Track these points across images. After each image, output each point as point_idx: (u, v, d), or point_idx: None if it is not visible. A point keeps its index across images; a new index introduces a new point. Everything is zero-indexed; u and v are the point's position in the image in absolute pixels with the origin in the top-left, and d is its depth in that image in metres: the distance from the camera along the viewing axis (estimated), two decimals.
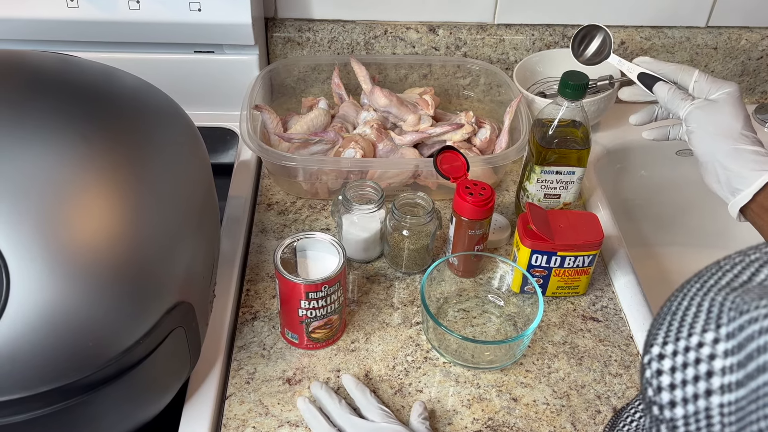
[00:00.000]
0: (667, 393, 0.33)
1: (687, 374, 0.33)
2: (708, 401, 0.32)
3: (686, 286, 0.37)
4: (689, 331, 0.34)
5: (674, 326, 0.35)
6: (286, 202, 0.98)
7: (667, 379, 0.33)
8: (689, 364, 0.33)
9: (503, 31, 1.11)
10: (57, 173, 0.54)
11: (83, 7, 0.97)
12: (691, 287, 0.36)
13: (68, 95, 0.60)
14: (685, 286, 0.37)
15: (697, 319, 0.34)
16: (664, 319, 0.36)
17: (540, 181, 0.88)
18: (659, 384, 0.34)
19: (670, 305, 0.36)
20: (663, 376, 0.34)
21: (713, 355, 0.32)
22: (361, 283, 0.87)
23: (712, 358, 0.32)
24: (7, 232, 0.51)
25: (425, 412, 0.71)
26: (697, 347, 0.33)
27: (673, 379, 0.33)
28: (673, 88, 0.78)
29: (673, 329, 0.34)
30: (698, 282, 0.36)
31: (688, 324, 0.34)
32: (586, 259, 0.81)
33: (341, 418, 0.69)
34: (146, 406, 0.63)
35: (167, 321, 0.59)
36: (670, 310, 0.36)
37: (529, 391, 0.75)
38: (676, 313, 0.35)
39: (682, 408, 0.33)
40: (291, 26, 1.10)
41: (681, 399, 0.33)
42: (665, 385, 0.33)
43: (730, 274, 0.35)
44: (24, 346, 0.51)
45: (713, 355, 0.32)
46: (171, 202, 0.62)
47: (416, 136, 0.97)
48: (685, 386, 0.33)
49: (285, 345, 0.78)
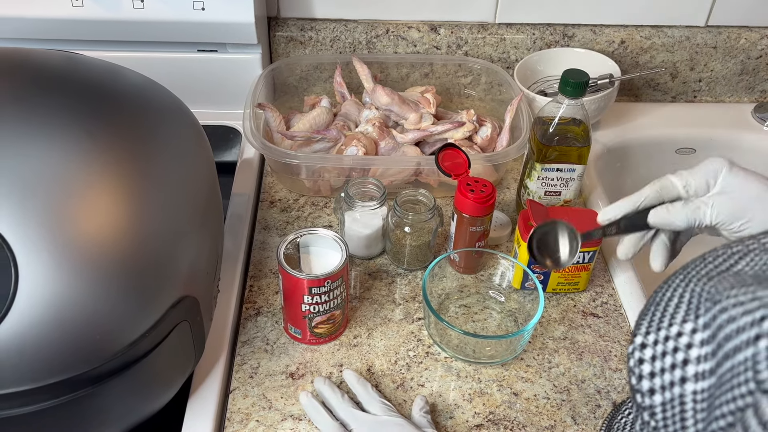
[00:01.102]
0: (648, 381, 0.34)
1: (665, 362, 0.34)
2: (682, 388, 0.33)
3: (672, 277, 0.37)
4: (670, 321, 0.34)
5: (656, 316, 0.35)
6: (288, 199, 0.98)
7: (648, 367, 0.34)
8: (668, 352, 0.34)
9: (504, 31, 1.12)
10: (63, 169, 0.55)
11: (88, 7, 0.98)
12: (676, 278, 0.37)
13: (74, 92, 0.61)
14: (670, 278, 0.37)
15: (678, 310, 0.35)
16: (648, 309, 0.37)
17: (541, 178, 0.89)
18: (640, 372, 0.35)
19: (655, 296, 0.37)
20: (644, 365, 0.35)
21: (690, 344, 0.33)
22: (364, 279, 0.87)
23: (689, 347, 0.33)
24: (15, 227, 0.52)
25: (426, 405, 0.72)
26: (676, 336, 0.34)
27: (653, 368, 0.34)
28: (668, 206, 0.66)
29: (655, 319, 0.35)
30: (682, 273, 0.37)
31: (669, 314, 0.35)
32: (586, 255, 0.82)
33: (344, 411, 0.70)
34: (151, 399, 0.64)
35: (172, 315, 0.60)
36: (654, 301, 0.37)
37: (529, 386, 0.76)
38: (659, 303, 0.36)
39: (660, 395, 0.34)
40: (293, 25, 1.11)
41: (659, 386, 0.34)
42: (646, 373, 0.34)
43: (711, 265, 0.36)
44: (32, 339, 0.52)
45: (690, 344, 0.33)
46: (176, 198, 0.62)
47: (418, 134, 0.98)
48: (663, 374, 0.34)
49: (288, 340, 0.79)
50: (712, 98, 1.20)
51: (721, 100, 1.20)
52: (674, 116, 1.16)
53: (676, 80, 1.17)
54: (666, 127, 1.14)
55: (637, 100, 1.19)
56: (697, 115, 1.17)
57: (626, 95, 1.18)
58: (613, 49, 1.13)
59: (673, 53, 1.14)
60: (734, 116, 1.17)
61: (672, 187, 0.67)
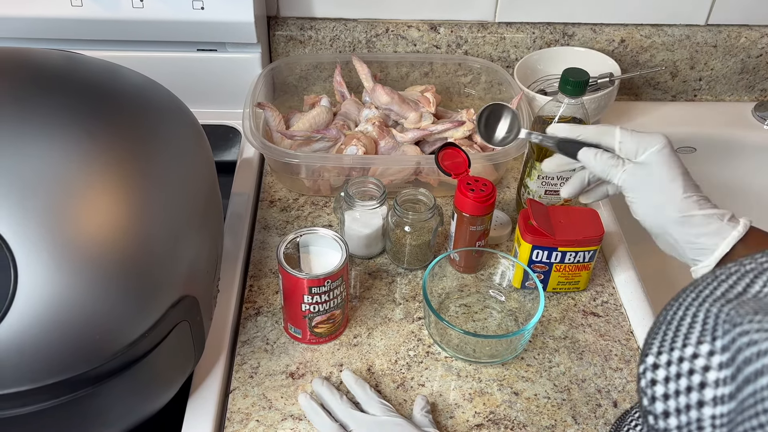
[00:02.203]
0: (661, 403, 0.33)
1: (680, 385, 0.33)
2: (700, 412, 0.32)
3: (682, 295, 0.36)
4: (684, 342, 0.34)
5: (669, 336, 0.35)
6: (288, 198, 0.98)
7: (661, 389, 0.34)
8: (683, 374, 0.33)
9: (504, 30, 1.12)
10: (63, 169, 0.55)
11: (87, 6, 0.98)
12: (687, 297, 0.36)
13: (73, 92, 0.61)
14: (680, 296, 0.36)
15: (692, 330, 0.34)
16: (659, 328, 0.36)
17: (541, 177, 0.89)
18: (653, 394, 0.34)
19: (666, 314, 0.36)
20: (657, 386, 0.34)
21: (707, 366, 0.32)
22: (364, 278, 0.87)
23: (706, 370, 0.32)
24: (14, 226, 0.51)
25: (428, 405, 0.72)
26: (691, 358, 0.33)
27: (667, 389, 0.33)
28: (598, 153, 0.70)
29: (668, 339, 0.34)
30: (694, 292, 0.36)
31: (683, 334, 0.34)
32: (586, 254, 0.82)
33: (343, 412, 0.69)
34: (151, 399, 0.64)
35: (172, 315, 0.60)
36: (665, 320, 0.36)
37: (530, 385, 0.76)
38: (671, 322, 0.35)
39: (675, 418, 0.33)
40: (293, 24, 1.11)
41: (674, 409, 0.33)
42: (659, 395, 0.34)
43: (725, 285, 0.35)
44: (31, 339, 0.51)
45: (707, 367, 0.32)
46: (176, 198, 0.62)
47: (418, 134, 0.98)
48: (678, 396, 0.33)
49: (288, 340, 0.79)
50: (713, 97, 1.20)
51: (721, 99, 1.20)
52: (674, 115, 1.16)
53: (676, 79, 1.17)
54: (666, 126, 1.14)
55: (637, 99, 1.19)
56: (697, 114, 1.17)
57: (626, 94, 1.18)
58: (613, 48, 1.13)
59: (673, 52, 1.14)
60: (734, 115, 1.17)
61: (611, 138, 0.70)
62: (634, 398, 0.75)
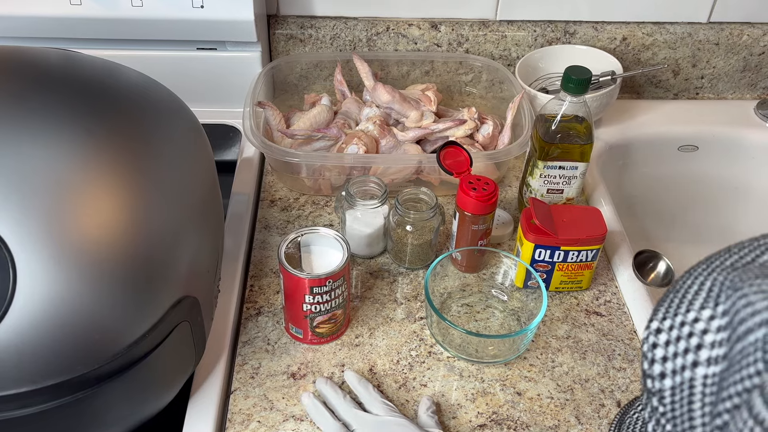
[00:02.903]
0: (659, 365, 0.34)
1: (678, 347, 0.33)
2: (693, 372, 0.32)
3: (694, 267, 0.37)
4: (687, 308, 0.34)
5: (674, 303, 0.35)
6: (289, 198, 0.98)
7: (661, 351, 0.34)
8: (682, 337, 0.33)
9: (505, 28, 1.11)
10: (62, 168, 0.54)
11: (86, 5, 0.97)
12: (698, 267, 0.37)
13: (72, 90, 0.60)
14: (693, 267, 0.37)
15: (697, 297, 0.34)
16: (667, 296, 0.36)
17: (543, 176, 0.88)
18: (653, 356, 0.34)
19: (675, 284, 0.37)
20: (657, 349, 0.34)
21: (706, 329, 0.33)
22: (365, 278, 0.87)
23: (704, 333, 0.33)
24: (13, 226, 0.51)
25: (433, 405, 0.71)
26: (692, 322, 0.33)
27: (666, 352, 0.34)
28: None
29: (673, 306, 0.35)
30: (705, 263, 0.37)
31: (687, 301, 0.35)
32: (589, 253, 0.81)
33: (346, 412, 0.69)
34: (152, 400, 0.64)
35: (173, 315, 0.59)
36: (674, 289, 0.36)
37: (533, 385, 0.75)
38: (679, 291, 0.36)
39: (670, 379, 0.33)
40: (293, 23, 1.10)
41: (671, 371, 0.34)
42: (658, 357, 0.34)
43: (736, 256, 0.36)
44: (31, 340, 0.51)
45: (706, 330, 0.33)
46: (176, 197, 0.62)
47: (419, 132, 0.97)
48: (675, 358, 0.33)
49: (289, 340, 0.79)
50: (715, 95, 1.20)
51: (723, 97, 1.20)
52: (676, 113, 1.16)
53: (678, 77, 1.17)
54: (668, 125, 1.14)
55: (639, 97, 1.19)
56: (700, 112, 1.16)
57: (628, 92, 1.18)
58: (615, 46, 1.13)
59: (675, 50, 1.13)
60: (737, 113, 1.16)
61: None
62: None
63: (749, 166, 1.15)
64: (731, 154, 1.14)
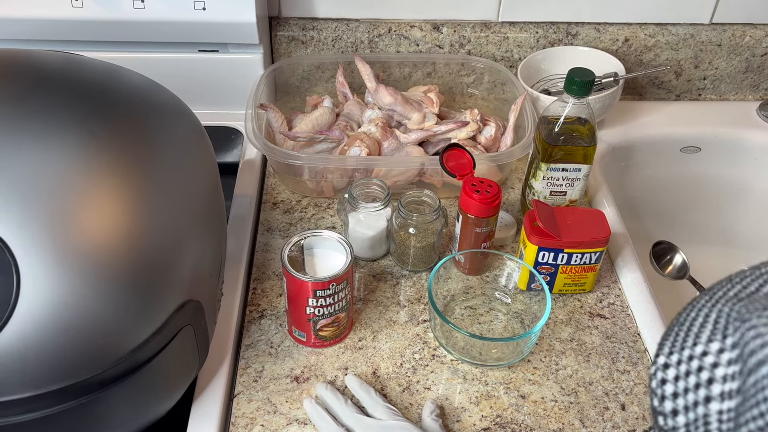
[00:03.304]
0: (670, 402, 0.33)
1: (689, 382, 0.33)
2: (707, 408, 0.32)
3: (696, 299, 0.37)
4: (694, 341, 0.34)
5: (680, 336, 0.35)
6: (291, 200, 0.98)
7: (671, 388, 0.34)
8: (692, 372, 0.33)
9: (507, 29, 1.11)
10: (65, 172, 0.54)
11: (88, 7, 0.97)
12: (701, 299, 0.36)
13: (75, 93, 0.60)
14: (695, 299, 0.37)
15: (704, 330, 0.34)
16: (671, 330, 0.36)
17: (546, 178, 0.88)
18: (663, 393, 0.34)
19: (679, 317, 0.36)
20: (667, 385, 0.34)
21: (716, 363, 0.32)
22: (368, 281, 0.87)
23: (714, 366, 0.32)
24: (16, 230, 0.51)
25: (437, 409, 0.71)
26: (701, 356, 0.33)
27: (676, 388, 0.33)
28: None
29: (679, 339, 0.35)
30: (707, 294, 0.36)
31: (693, 334, 0.34)
32: (593, 256, 0.81)
33: (348, 417, 0.69)
34: (155, 404, 0.63)
35: (176, 319, 0.59)
36: (678, 322, 0.36)
37: (537, 388, 0.75)
38: (684, 323, 0.35)
39: (683, 416, 0.33)
40: (295, 25, 1.10)
41: (683, 407, 0.33)
42: (668, 393, 0.34)
43: (738, 286, 0.35)
44: (34, 345, 0.51)
45: (716, 364, 0.32)
46: (179, 200, 0.62)
47: (421, 134, 0.97)
48: (686, 394, 0.33)
49: (292, 343, 0.78)
50: (717, 96, 1.19)
51: (725, 98, 1.20)
52: (679, 114, 1.16)
53: (680, 78, 1.16)
54: (671, 126, 1.13)
55: (641, 98, 1.18)
56: (702, 114, 1.16)
57: (630, 94, 1.18)
58: (617, 48, 1.12)
59: (677, 51, 1.13)
60: (739, 114, 1.16)
61: None
62: (642, 401, 0.74)
63: (752, 168, 1.15)
64: (734, 155, 1.14)
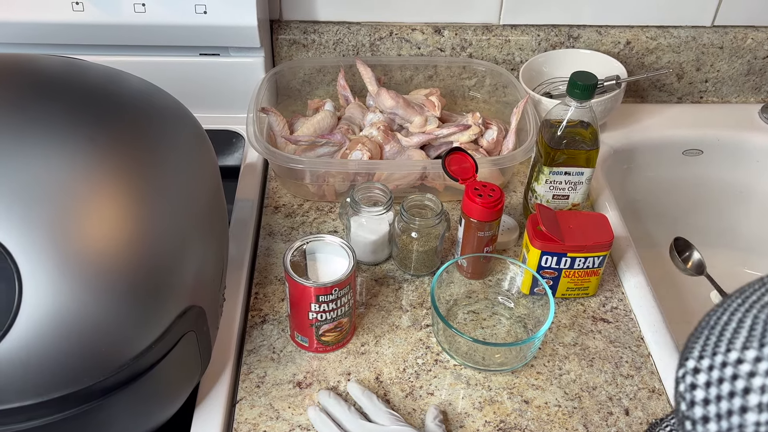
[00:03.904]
0: (701, 408, 0.32)
1: (722, 390, 0.32)
2: (743, 418, 0.31)
3: (727, 301, 0.35)
4: (728, 347, 0.33)
5: (711, 340, 0.34)
6: (293, 204, 0.97)
7: (701, 393, 0.33)
8: (725, 379, 0.32)
9: (509, 32, 1.11)
10: (66, 178, 0.54)
11: (88, 11, 0.97)
12: (733, 302, 0.35)
13: (76, 99, 0.60)
14: (725, 302, 0.35)
15: (738, 335, 0.33)
16: (701, 333, 0.35)
17: (548, 182, 0.88)
18: (692, 398, 0.33)
19: (709, 319, 0.35)
20: (697, 391, 0.33)
21: (753, 372, 0.31)
22: (370, 285, 0.86)
23: (751, 375, 0.31)
24: (18, 237, 0.51)
25: (440, 415, 0.71)
26: (735, 363, 0.32)
27: (708, 394, 0.32)
28: None
29: (710, 343, 0.33)
30: (740, 298, 0.35)
31: (726, 339, 0.33)
32: (596, 260, 0.81)
33: (351, 424, 0.68)
34: (158, 411, 0.63)
35: (179, 325, 0.59)
36: (708, 324, 0.35)
37: (540, 393, 0.75)
38: (715, 327, 0.34)
39: (715, 424, 0.32)
40: (296, 28, 1.10)
41: (715, 414, 0.32)
42: (699, 399, 0.33)
43: None
44: (37, 352, 0.51)
45: (753, 373, 0.31)
46: (181, 205, 0.61)
47: (423, 138, 0.97)
48: (719, 402, 0.32)
49: (295, 348, 0.78)
50: (719, 99, 1.19)
51: (727, 100, 1.19)
52: (681, 117, 1.15)
53: (682, 81, 1.16)
54: (672, 129, 1.13)
55: (643, 101, 1.18)
56: (704, 116, 1.16)
57: (632, 96, 1.17)
58: (619, 50, 1.12)
59: (679, 54, 1.13)
60: (741, 117, 1.16)
61: None
62: (646, 406, 0.74)
63: (753, 170, 1.14)
64: (735, 157, 1.14)
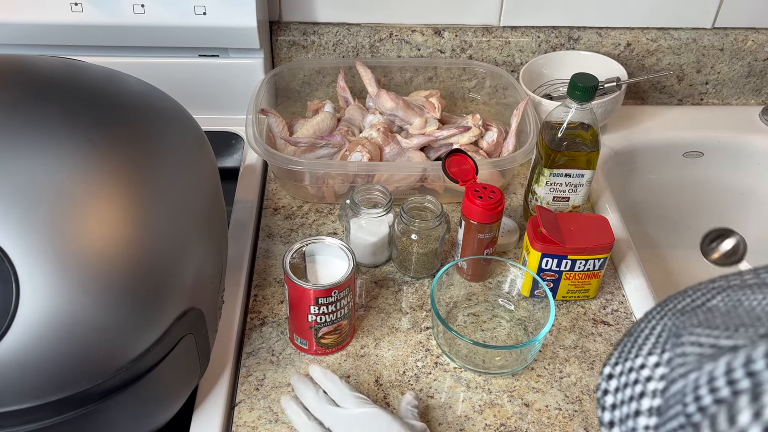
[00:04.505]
0: (609, 413, 0.33)
1: (625, 394, 0.33)
2: (635, 422, 0.31)
3: (650, 310, 0.37)
4: (637, 353, 0.33)
5: (627, 347, 0.34)
6: (292, 206, 0.97)
7: (610, 399, 0.33)
8: (629, 384, 0.33)
9: (509, 34, 1.11)
10: (65, 179, 0.53)
11: (88, 12, 0.96)
12: (653, 310, 0.36)
13: (75, 100, 0.60)
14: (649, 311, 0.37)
15: (647, 342, 0.34)
16: (621, 341, 0.36)
17: (549, 184, 0.87)
18: (603, 404, 0.34)
19: (631, 328, 0.36)
20: (608, 396, 0.34)
21: (650, 377, 0.32)
22: (370, 287, 0.86)
23: (648, 380, 0.32)
24: (16, 239, 0.50)
25: (414, 400, 0.71)
26: (639, 368, 0.33)
27: (615, 399, 0.33)
28: None
29: (625, 351, 0.34)
30: (660, 305, 0.36)
31: (638, 345, 0.34)
32: (596, 262, 0.80)
33: (318, 409, 0.67)
34: (156, 414, 0.63)
35: (177, 328, 0.58)
36: (629, 332, 0.36)
37: (541, 396, 0.74)
38: (632, 334, 0.35)
39: (618, 428, 0.32)
40: (296, 29, 1.09)
41: (618, 419, 0.33)
42: (608, 405, 0.33)
43: (689, 299, 0.35)
44: (34, 355, 0.50)
45: (650, 377, 0.32)
46: (180, 207, 0.61)
47: (423, 139, 0.96)
48: (622, 406, 0.32)
49: (294, 351, 0.78)
50: (719, 101, 1.19)
51: (728, 102, 1.19)
52: (681, 119, 1.15)
53: (682, 83, 1.16)
54: (673, 130, 1.13)
55: (643, 103, 1.18)
56: (704, 118, 1.16)
57: (632, 98, 1.17)
58: (619, 52, 1.12)
59: (679, 55, 1.13)
60: (741, 119, 1.16)
61: None
62: None
63: (754, 172, 1.14)
64: (736, 159, 1.14)
